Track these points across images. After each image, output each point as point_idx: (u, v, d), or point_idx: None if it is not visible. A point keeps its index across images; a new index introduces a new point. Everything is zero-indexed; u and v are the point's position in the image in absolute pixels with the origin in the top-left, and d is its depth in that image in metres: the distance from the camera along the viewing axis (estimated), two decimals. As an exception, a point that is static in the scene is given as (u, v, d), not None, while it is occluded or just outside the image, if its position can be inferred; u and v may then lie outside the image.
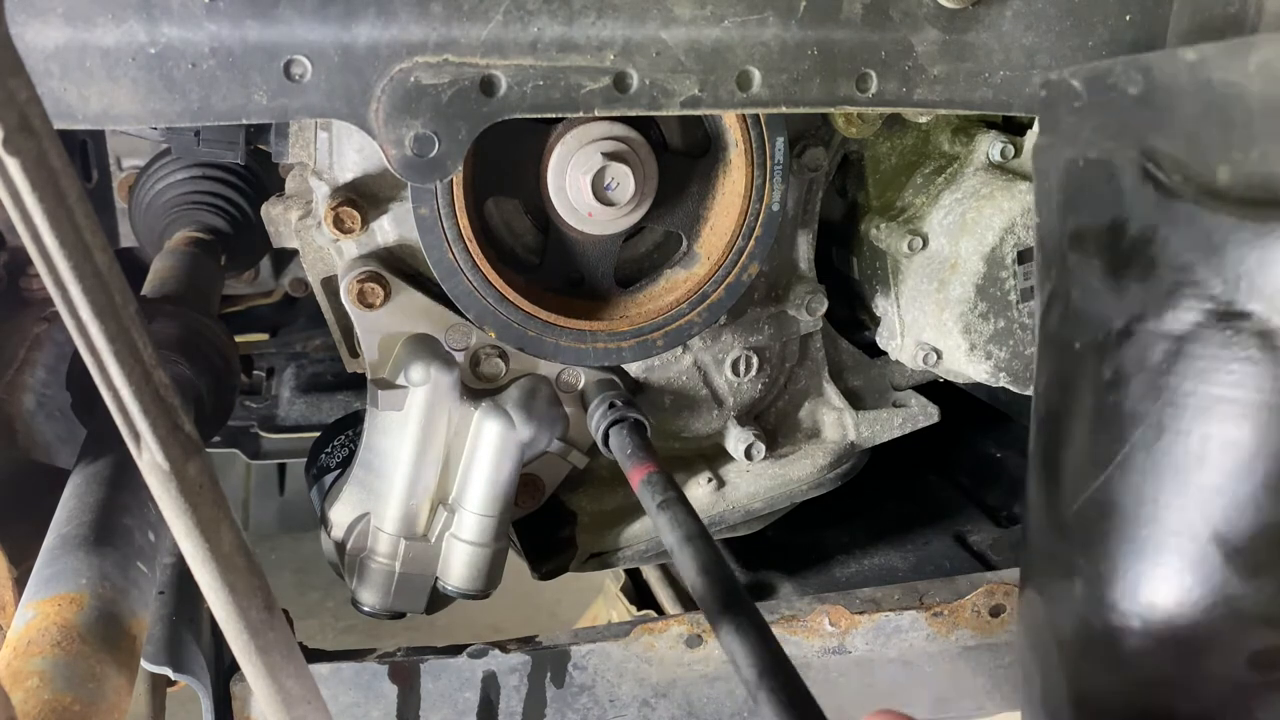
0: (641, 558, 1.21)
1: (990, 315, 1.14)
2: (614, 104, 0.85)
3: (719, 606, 0.70)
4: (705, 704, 1.09)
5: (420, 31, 0.80)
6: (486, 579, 1.06)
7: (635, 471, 0.93)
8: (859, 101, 0.90)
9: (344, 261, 1.04)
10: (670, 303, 1.07)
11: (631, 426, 1.02)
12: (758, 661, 0.63)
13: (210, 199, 1.62)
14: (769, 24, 0.86)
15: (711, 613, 0.70)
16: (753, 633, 0.65)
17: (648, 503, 0.88)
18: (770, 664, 0.62)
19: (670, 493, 0.87)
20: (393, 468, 1.03)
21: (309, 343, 2.03)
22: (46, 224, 0.46)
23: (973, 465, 1.62)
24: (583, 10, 0.82)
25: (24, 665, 0.69)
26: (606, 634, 1.07)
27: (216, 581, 0.55)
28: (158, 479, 0.53)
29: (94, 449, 0.99)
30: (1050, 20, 0.90)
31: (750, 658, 0.63)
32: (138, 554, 0.86)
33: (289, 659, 0.59)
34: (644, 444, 0.99)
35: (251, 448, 1.91)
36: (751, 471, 1.20)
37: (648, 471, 0.92)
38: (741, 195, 1.04)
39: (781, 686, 0.60)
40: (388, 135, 0.82)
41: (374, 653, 1.04)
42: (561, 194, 0.99)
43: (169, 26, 0.76)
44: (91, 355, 0.50)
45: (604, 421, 1.03)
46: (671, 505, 0.85)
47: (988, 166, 1.16)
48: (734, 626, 0.66)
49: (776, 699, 0.59)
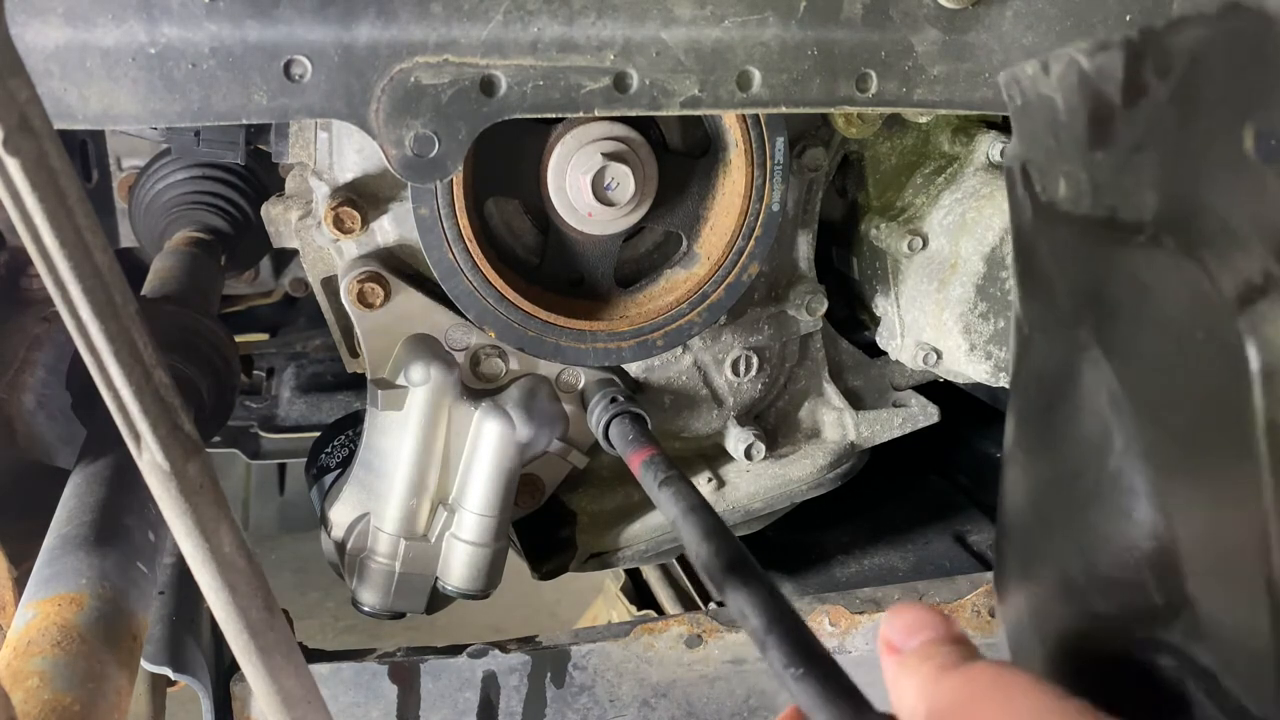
0: (641, 558, 1.21)
1: (990, 315, 1.14)
2: (614, 104, 0.85)
3: (724, 568, 0.70)
4: (705, 704, 1.09)
5: (420, 31, 0.80)
6: (486, 579, 1.06)
7: (636, 455, 0.93)
8: (859, 101, 0.90)
9: (344, 261, 1.04)
10: (670, 303, 1.07)
11: (632, 418, 1.02)
12: (765, 611, 0.64)
13: (210, 199, 1.62)
14: (769, 24, 0.86)
15: (716, 576, 0.70)
16: (759, 587, 0.66)
17: (649, 483, 0.88)
18: (776, 613, 0.63)
19: (671, 471, 0.88)
20: (393, 468, 1.03)
21: (309, 343, 2.03)
22: (46, 224, 0.46)
23: (973, 465, 1.62)
24: (583, 10, 0.82)
25: (24, 665, 0.69)
26: (606, 634, 1.07)
27: (216, 581, 0.55)
28: (158, 479, 0.53)
29: (94, 449, 0.99)
30: (1050, 20, 0.90)
31: (758, 609, 0.64)
32: (138, 554, 0.86)
33: (289, 659, 0.59)
34: (644, 431, 1.00)
35: (251, 448, 1.91)
36: (751, 471, 1.20)
37: (649, 454, 0.92)
38: (741, 195, 1.04)
39: (788, 632, 0.61)
40: (388, 135, 0.82)
41: (374, 653, 1.04)
42: (561, 194, 0.99)
43: (169, 26, 0.76)
44: (91, 355, 0.50)
45: (605, 415, 1.04)
46: (673, 481, 0.85)
47: (988, 166, 1.16)
48: (740, 582, 0.67)
49: (784, 644, 0.60)
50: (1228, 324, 0.40)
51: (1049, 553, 0.58)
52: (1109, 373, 0.49)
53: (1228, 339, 0.40)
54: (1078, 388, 0.52)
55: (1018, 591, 0.62)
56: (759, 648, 0.62)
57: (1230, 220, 0.40)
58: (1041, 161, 0.53)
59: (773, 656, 0.60)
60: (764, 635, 0.62)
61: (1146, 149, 0.45)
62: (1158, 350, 0.46)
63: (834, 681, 0.56)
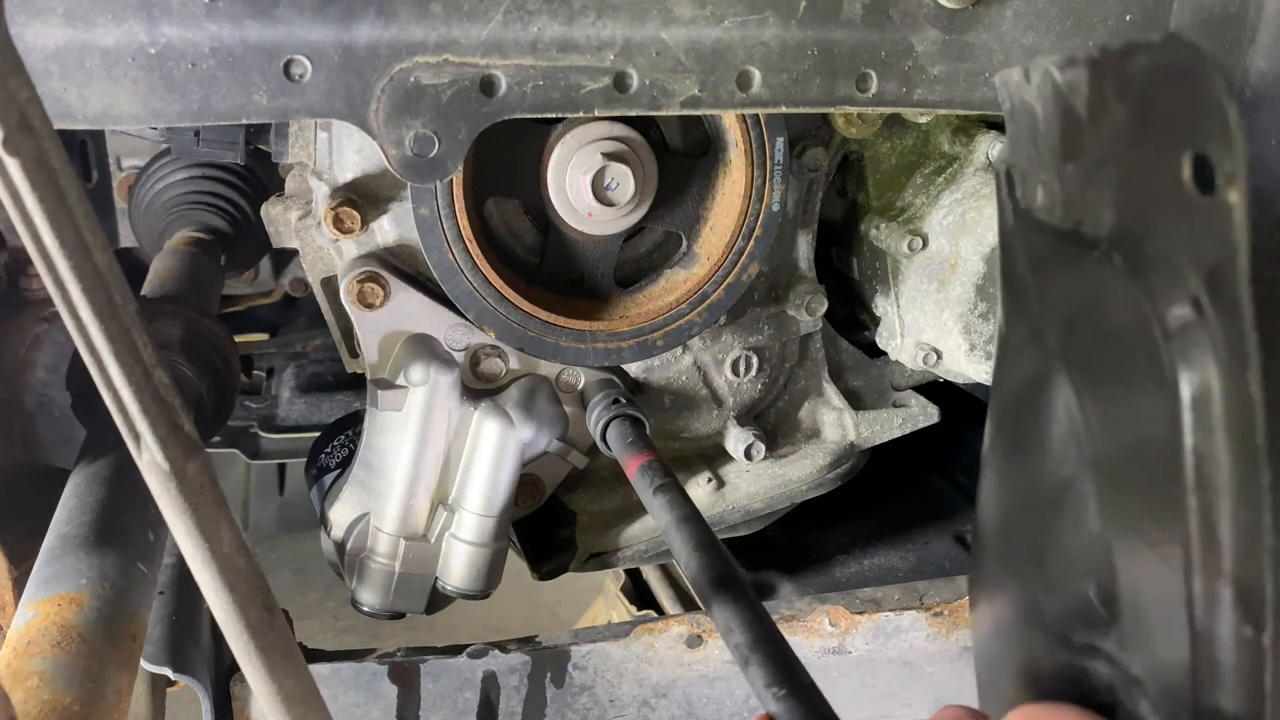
0: (641, 558, 1.21)
1: (990, 315, 1.14)
2: (614, 104, 0.85)
3: (712, 582, 0.71)
4: (705, 704, 1.09)
5: (420, 31, 0.80)
6: (486, 579, 1.06)
7: (632, 460, 0.94)
8: (859, 101, 0.90)
9: (344, 262, 1.04)
10: (670, 303, 1.07)
11: (631, 421, 1.02)
12: (750, 632, 0.64)
13: (210, 199, 1.62)
14: (769, 24, 0.86)
15: (704, 590, 0.71)
16: (745, 605, 0.67)
17: (643, 488, 0.89)
18: (761, 634, 0.64)
19: (667, 479, 0.88)
20: (393, 468, 1.03)
21: (309, 343, 2.03)
22: (46, 224, 0.46)
23: (973, 465, 1.61)
24: (583, 10, 0.82)
25: (24, 665, 0.69)
26: (606, 634, 1.07)
27: (216, 581, 0.55)
28: (158, 479, 0.53)
29: (94, 449, 0.99)
30: (1050, 20, 0.90)
31: (743, 628, 0.65)
32: (138, 554, 0.86)
33: (289, 659, 0.59)
34: (642, 436, 1.00)
35: (251, 448, 1.91)
36: (751, 471, 1.20)
37: (646, 459, 0.92)
38: (741, 195, 1.04)
39: (771, 656, 0.62)
40: (388, 135, 0.82)
41: (374, 653, 1.04)
42: (561, 194, 0.99)
43: (169, 26, 0.76)
44: (91, 355, 0.50)
45: (604, 416, 1.04)
46: (668, 490, 0.86)
47: (988, 166, 1.16)
48: (728, 599, 0.68)
49: (766, 667, 0.61)
50: (1164, 349, 0.41)
51: (1014, 558, 0.59)
52: (1067, 382, 0.50)
53: (1163, 364, 0.41)
54: (1046, 395, 0.53)
55: (987, 598, 0.63)
56: (740, 664, 0.63)
57: (1168, 246, 0.41)
58: (1024, 167, 0.53)
59: (754, 674, 0.61)
60: (748, 653, 0.63)
61: (1107, 166, 0.46)
62: (1108, 366, 0.47)
63: (815, 708, 0.57)
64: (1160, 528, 0.43)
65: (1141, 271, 0.43)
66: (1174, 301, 0.41)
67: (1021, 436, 0.58)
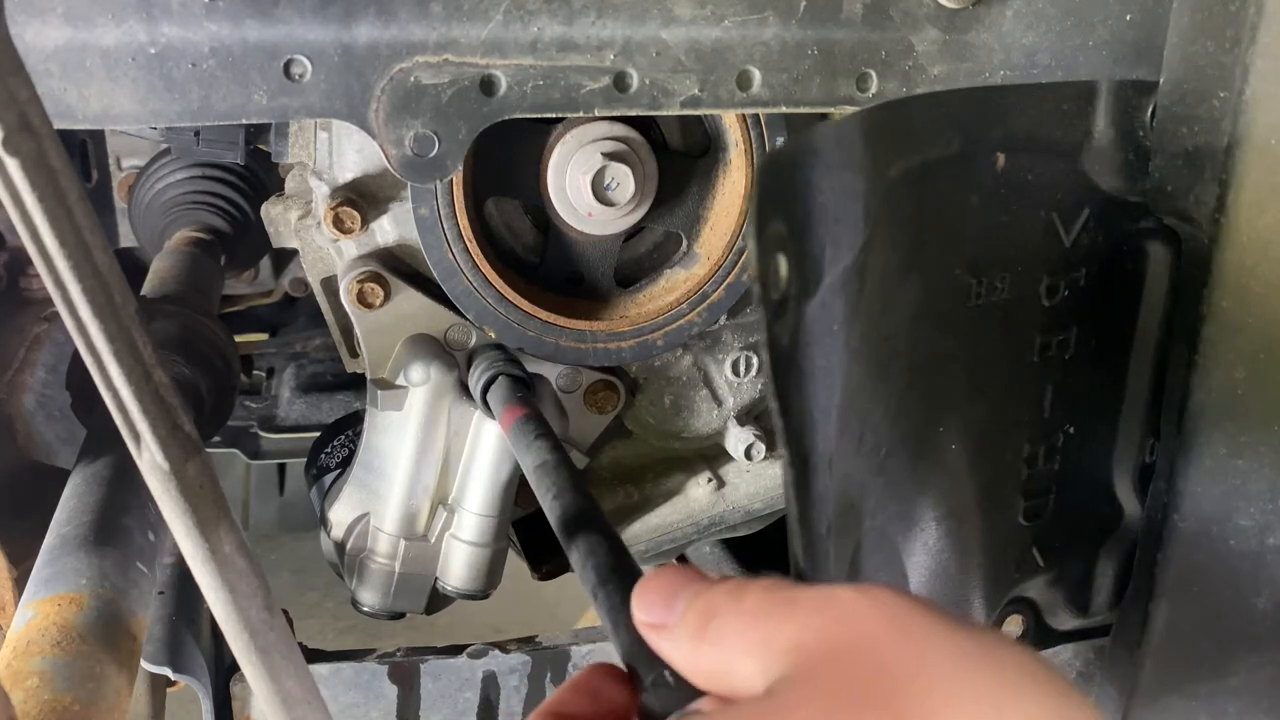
0: (641, 558, 1.21)
1: (990, 315, 1.14)
2: (614, 104, 0.85)
3: (570, 523, 0.68)
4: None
5: (420, 31, 0.80)
6: (486, 579, 1.06)
7: (509, 414, 0.90)
8: (859, 101, 0.90)
9: (344, 262, 1.04)
10: (670, 303, 1.07)
11: (512, 380, 0.99)
12: (602, 565, 0.62)
13: (210, 199, 1.62)
14: (769, 24, 0.86)
15: (563, 531, 0.68)
16: (602, 542, 0.64)
17: (518, 442, 0.86)
18: (617, 565, 0.61)
19: (542, 429, 0.85)
20: (393, 468, 1.03)
21: (309, 343, 2.02)
22: (46, 224, 0.46)
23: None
24: (583, 10, 0.82)
25: (24, 665, 0.69)
26: (607, 634, 1.07)
27: (216, 581, 0.55)
28: (158, 479, 0.53)
29: (94, 449, 0.99)
30: (1050, 20, 0.90)
31: (595, 563, 0.62)
32: (138, 554, 0.86)
33: (289, 659, 0.59)
34: (523, 396, 0.96)
35: (251, 448, 1.91)
36: (752, 471, 1.20)
37: (522, 414, 0.89)
38: (742, 195, 1.04)
39: (619, 588, 0.59)
40: (388, 135, 0.82)
41: (374, 653, 1.04)
42: (561, 194, 0.99)
43: (169, 26, 0.76)
44: (91, 355, 0.50)
45: (487, 373, 1.00)
46: (542, 438, 0.83)
47: (988, 166, 1.16)
48: (583, 537, 0.65)
49: (611, 600, 0.58)
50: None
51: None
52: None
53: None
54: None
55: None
56: (590, 596, 0.60)
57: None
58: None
59: (600, 612, 0.58)
60: (596, 591, 0.60)
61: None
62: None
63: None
64: None
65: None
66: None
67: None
